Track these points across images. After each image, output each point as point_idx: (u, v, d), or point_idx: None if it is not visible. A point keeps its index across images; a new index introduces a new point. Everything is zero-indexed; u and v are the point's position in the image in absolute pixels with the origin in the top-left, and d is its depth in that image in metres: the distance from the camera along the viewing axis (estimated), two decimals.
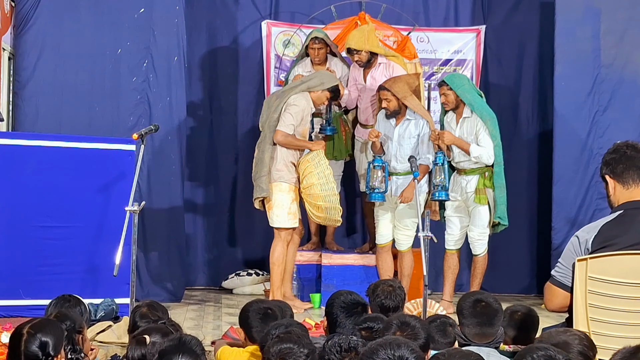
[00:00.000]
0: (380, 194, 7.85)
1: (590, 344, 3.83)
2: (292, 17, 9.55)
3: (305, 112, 7.78)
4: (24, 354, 3.81)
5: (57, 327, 3.99)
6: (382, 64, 8.35)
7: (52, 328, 3.93)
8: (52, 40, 8.25)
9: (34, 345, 3.82)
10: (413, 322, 4.21)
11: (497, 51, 9.74)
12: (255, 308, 4.74)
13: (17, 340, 3.86)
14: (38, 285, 7.14)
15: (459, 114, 8.00)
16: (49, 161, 7.32)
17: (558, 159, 8.81)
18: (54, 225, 7.31)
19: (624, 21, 8.81)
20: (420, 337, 4.17)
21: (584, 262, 4.25)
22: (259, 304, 4.80)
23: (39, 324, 3.92)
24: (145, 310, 4.82)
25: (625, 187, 4.40)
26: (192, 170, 9.34)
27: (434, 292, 8.86)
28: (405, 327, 4.19)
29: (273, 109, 7.78)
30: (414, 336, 4.18)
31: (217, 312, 7.93)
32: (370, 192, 7.87)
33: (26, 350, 3.81)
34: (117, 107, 8.32)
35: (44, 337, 3.84)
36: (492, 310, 4.36)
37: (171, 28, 8.39)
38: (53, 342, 3.86)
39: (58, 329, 3.98)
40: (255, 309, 4.74)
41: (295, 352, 3.79)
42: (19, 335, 3.86)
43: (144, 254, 8.30)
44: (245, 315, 4.76)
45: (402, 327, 4.19)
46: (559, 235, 8.67)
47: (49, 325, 3.93)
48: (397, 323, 4.24)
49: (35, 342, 3.82)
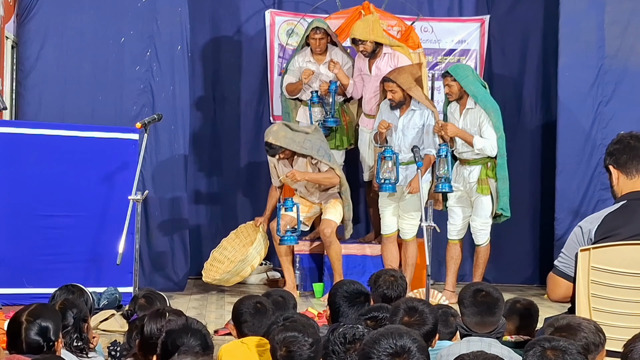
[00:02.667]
0: (392, 185, 7.85)
1: (597, 329, 3.83)
2: (296, 7, 9.54)
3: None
4: (25, 342, 3.79)
5: (54, 311, 3.97)
6: (387, 54, 8.33)
7: (49, 313, 3.90)
8: (55, 29, 8.25)
9: (35, 332, 3.80)
10: (421, 307, 4.21)
11: (501, 41, 9.73)
12: (247, 304, 4.71)
13: (17, 329, 3.82)
14: (41, 274, 7.14)
15: (463, 105, 8.00)
16: (52, 150, 7.32)
17: (561, 149, 8.79)
18: (57, 214, 7.32)
19: (628, 12, 8.79)
20: (428, 322, 4.17)
21: (586, 252, 4.25)
22: (250, 300, 4.77)
23: (36, 310, 3.88)
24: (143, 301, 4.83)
25: (628, 178, 4.40)
26: (195, 159, 9.34)
27: (437, 281, 8.87)
28: (412, 313, 4.18)
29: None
30: (421, 322, 4.18)
31: (220, 302, 7.94)
32: (381, 184, 7.88)
33: (27, 338, 3.79)
34: (120, 96, 8.32)
35: (44, 322, 3.82)
36: (493, 299, 4.36)
37: (174, 17, 8.38)
38: (53, 327, 3.84)
39: (55, 313, 3.96)
40: (247, 305, 4.71)
41: (300, 340, 3.79)
42: (18, 324, 3.83)
43: (147, 243, 8.31)
44: (238, 312, 4.72)
45: (410, 313, 4.19)
46: (561, 225, 8.66)
47: (46, 311, 3.91)
48: (404, 308, 4.23)
49: (36, 329, 3.80)
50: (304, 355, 3.78)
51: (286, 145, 7.83)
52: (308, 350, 3.78)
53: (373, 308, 4.58)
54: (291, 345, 3.79)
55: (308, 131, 8.01)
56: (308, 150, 7.88)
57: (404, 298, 4.78)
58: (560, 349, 3.25)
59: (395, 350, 3.05)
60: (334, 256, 8.03)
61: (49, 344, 3.82)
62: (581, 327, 3.79)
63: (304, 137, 7.91)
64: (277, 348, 3.83)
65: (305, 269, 8.48)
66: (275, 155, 7.91)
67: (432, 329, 4.16)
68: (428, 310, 4.19)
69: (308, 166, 7.98)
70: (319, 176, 7.97)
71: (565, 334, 3.75)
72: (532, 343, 3.34)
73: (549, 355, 3.24)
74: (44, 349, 3.81)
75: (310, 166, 7.99)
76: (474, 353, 3.18)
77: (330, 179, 7.97)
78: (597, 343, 3.77)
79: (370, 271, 7.08)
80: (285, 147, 7.83)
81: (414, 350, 3.06)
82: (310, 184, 8.07)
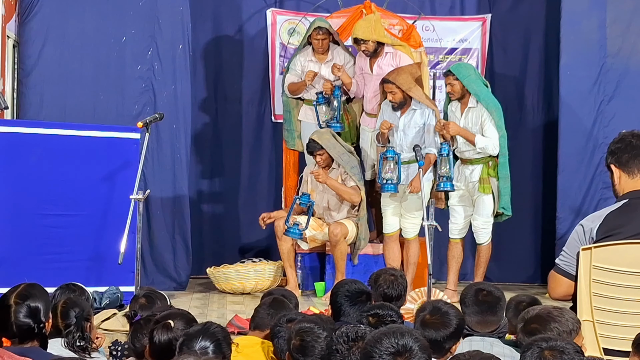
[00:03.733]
0: (393, 185, 7.86)
1: (569, 315, 3.85)
2: (298, 6, 9.54)
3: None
4: (15, 325, 3.71)
5: (42, 291, 3.86)
6: (388, 54, 8.33)
7: (38, 293, 3.81)
8: (57, 28, 8.25)
9: (24, 314, 3.72)
10: (445, 308, 4.06)
11: (503, 40, 9.72)
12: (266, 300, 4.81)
13: (5, 312, 3.72)
14: (43, 273, 7.11)
15: (464, 104, 8.00)
16: (53, 149, 7.31)
17: (563, 148, 8.79)
18: (59, 214, 7.32)
19: (629, 11, 8.79)
20: (451, 325, 3.95)
21: (588, 251, 4.25)
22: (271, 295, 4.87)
23: (24, 291, 3.79)
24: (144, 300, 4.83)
25: (630, 177, 4.39)
26: (196, 158, 9.34)
27: (438, 280, 8.86)
28: (435, 312, 4.03)
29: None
30: (443, 323, 3.92)
31: (222, 301, 7.94)
32: (383, 184, 7.88)
33: (17, 320, 3.71)
34: (121, 96, 8.32)
35: (33, 303, 3.74)
36: (494, 298, 4.36)
37: (176, 16, 8.38)
38: (43, 307, 3.76)
39: (43, 292, 3.86)
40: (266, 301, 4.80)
41: (315, 332, 3.79)
42: (7, 307, 3.73)
43: (149, 242, 8.32)
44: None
45: (433, 312, 4.04)
46: (563, 224, 8.66)
47: (34, 291, 3.81)
48: (430, 307, 4.08)
49: (25, 311, 3.72)
50: (317, 347, 3.77)
51: (326, 148, 8.01)
52: (323, 342, 3.77)
53: (376, 306, 4.57)
54: (305, 336, 3.79)
55: (350, 150, 8.21)
56: (343, 163, 8.05)
57: (434, 300, 4.69)
58: (558, 349, 3.25)
59: (396, 349, 3.05)
60: (339, 255, 8.03)
61: (40, 326, 3.74)
62: (552, 317, 3.80)
63: (344, 151, 8.10)
64: (291, 338, 3.83)
65: (306, 268, 8.48)
66: (313, 152, 8.05)
67: (454, 332, 3.97)
68: (453, 313, 4.03)
69: (339, 179, 8.10)
70: (341, 186, 8.05)
71: (536, 325, 3.77)
72: (529, 343, 3.34)
73: (547, 356, 3.24)
74: (35, 331, 3.73)
75: (341, 180, 8.10)
76: (470, 352, 3.18)
77: (351, 195, 8.04)
78: (569, 330, 3.77)
79: (372, 270, 7.08)
80: (324, 149, 7.99)
81: (416, 350, 3.06)
82: (333, 203, 8.15)
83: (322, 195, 8.18)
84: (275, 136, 9.36)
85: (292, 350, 3.83)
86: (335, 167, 8.14)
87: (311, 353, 3.78)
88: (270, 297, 4.87)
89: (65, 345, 4.27)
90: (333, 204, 8.17)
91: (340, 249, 8.02)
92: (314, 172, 8.02)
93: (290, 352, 3.85)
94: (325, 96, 8.42)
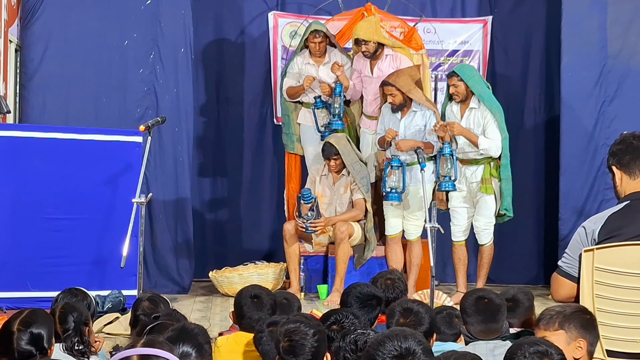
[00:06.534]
0: (398, 195, 7.88)
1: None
2: (299, 9, 9.55)
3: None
4: (17, 351, 3.72)
5: (46, 317, 3.88)
6: (389, 56, 8.34)
7: (41, 319, 3.82)
8: (59, 32, 8.26)
9: (26, 342, 3.73)
10: (416, 307, 4.22)
11: (504, 42, 9.73)
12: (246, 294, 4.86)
13: (8, 338, 3.74)
14: (45, 277, 7.15)
15: (465, 105, 8.00)
16: (55, 153, 7.33)
17: (565, 149, 8.80)
18: (61, 217, 7.33)
19: (630, 12, 8.80)
20: (424, 322, 4.17)
21: (590, 253, 4.25)
22: (250, 290, 4.90)
23: (27, 318, 3.79)
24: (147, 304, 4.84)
25: (631, 178, 4.39)
26: (199, 161, 9.35)
27: (442, 282, 8.87)
28: (408, 314, 4.19)
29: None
30: (417, 322, 4.18)
31: (225, 304, 7.94)
32: (387, 193, 7.90)
33: (19, 347, 3.72)
34: (124, 99, 8.33)
35: (36, 330, 3.75)
36: (495, 306, 4.37)
37: (178, 19, 8.39)
38: (46, 334, 3.77)
39: (47, 318, 3.88)
40: (246, 294, 4.86)
41: (302, 330, 3.78)
42: (9, 333, 3.74)
43: (151, 245, 8.31)
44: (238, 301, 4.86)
45: (405, 314, 4.20)
46: (566, 225, 8.67)
47: (38, 317, 3.82)
48: (399, 310, 4.24)
49: (28, 338, 3.73)
50: (307, 345, 3.76)
51: (341, 154, 8.07)
52: (311, 340, 3.76)
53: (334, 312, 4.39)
54: (293, 335, 3.77)
55: (364, 161, 8.25)
56: (354, 172, 8.10)
57: (399, 300, 4.78)
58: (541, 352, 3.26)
59: (400, 352, 3.05)
60: (341, 256, 8.02)
61: (42, 352, 3.75)
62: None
63: (356, 159, 8.15)
64: (280, 340, 3.83)
65: (310, 271, 8.48)
66: (330, 156, 8.11)
67: (429, 329, 4.15)
68: (423, 311, 4.19)
69: (348, 188, 8.15)
70: (342, 217, 8.14)
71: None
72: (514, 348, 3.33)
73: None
74: (37, 357, 3.75)
75: (349, 189, 8.15)
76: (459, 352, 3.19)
77: (354, 217, 8.17)
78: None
79: (375, 272, 7.08)
80: (340, 154, 8.05)
81: (419, 353, 3.06)
82: (340, 212, 8.18)
83: (328, 206, 8.21)
84: (277, 139, 9.36)
85: (282, 352, 3.79)
86: (345, 174, 8.17)
87: (301, 352, 3.76)
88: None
89: (64, 349, 4.28)
90: (340, 213, 8.21)
91: (344, 248, 8.01)
92: (313, 227, 8.00)
93: (280, 355, 3.82)
94: (323, 100, 8.43)
